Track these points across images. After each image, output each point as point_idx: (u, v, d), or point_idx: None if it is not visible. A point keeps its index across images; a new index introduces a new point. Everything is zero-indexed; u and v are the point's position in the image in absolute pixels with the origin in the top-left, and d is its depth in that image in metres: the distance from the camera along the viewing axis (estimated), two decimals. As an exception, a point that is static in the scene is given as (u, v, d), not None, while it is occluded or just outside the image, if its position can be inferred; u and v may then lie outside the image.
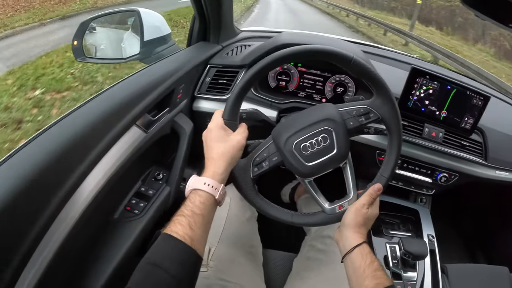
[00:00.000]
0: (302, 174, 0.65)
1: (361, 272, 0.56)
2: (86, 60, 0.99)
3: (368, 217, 0.63)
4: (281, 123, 0.70)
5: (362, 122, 0.66)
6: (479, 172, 0.99)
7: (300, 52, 0.62)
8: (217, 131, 0.60)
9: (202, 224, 0.52)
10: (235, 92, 0.62)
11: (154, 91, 0.76)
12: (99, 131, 0.62)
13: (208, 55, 0.97)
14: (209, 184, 0.54)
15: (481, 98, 0.91)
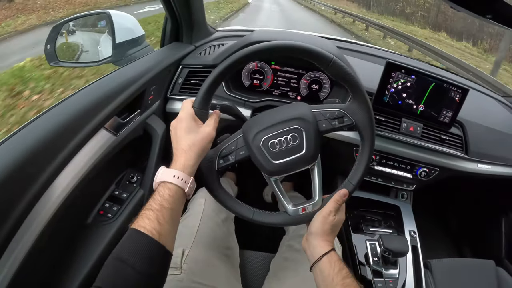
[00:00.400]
0: (267, 172, 0.64)
1: (330, 280, 0.56)
2: (59, 64, 0.98)
3: (335, 224, 0.63)
4: (253, 118, 0.69)
5: (335, 125, 0.65)
6: (460, 166, 0.99)
7: (278, 47, 0.61)
8: (187, 121, 0.58)
9: (170, 218, 0.51)
10: (208, 80, 0.60)
11: (123, 93, 0.75)
12: (66, 135, 0.61)
13: (180, 56, 0.96)
14: (178, 176, 0.53)
15: (459, 91, 0.91)
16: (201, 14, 1.00)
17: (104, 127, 0.72)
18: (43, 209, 0.56)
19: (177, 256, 0.68)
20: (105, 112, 0.70)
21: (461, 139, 0.99)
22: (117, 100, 0.73)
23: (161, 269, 0.48)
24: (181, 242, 0.72)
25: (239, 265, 0.81)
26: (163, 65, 0.89)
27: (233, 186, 1.13)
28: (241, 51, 0.60)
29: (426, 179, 1.02)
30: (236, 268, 0.79)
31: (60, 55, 0.97)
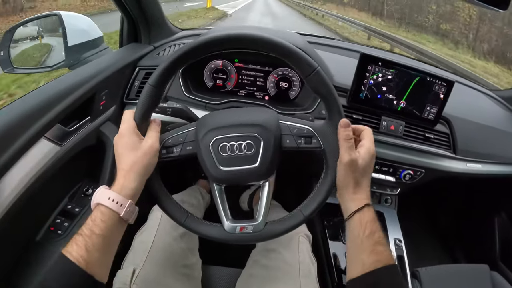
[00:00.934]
0: (211, 177, 0.58)
1: (359, 243, 0.51)
2: (14, 71, 0.92)
3: (362, 167, 0.54)
4: (211, 113, 0.63)
5: (299, 144, 0.58)
6: (448, 166, 0.92)
7: (249, 39, 0.54)
8: (128, 137, 0.53)
9: (102, 245, 0.46)
10: (149, 83, 0.54)
11: (66, 98, 0.70)
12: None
13: (136, 57, 0.91)
14: (113, 199, 0.48)
15: (444, 85, 0.84)
16: (157, 12, 0.94)
17: (45, 136, 0.66)
18: None
19: (127, 275, 0.63)
20: (46, 119, 0.64)
21: (448, 137, 0.92)
22: (59, 106, 0.68)
23: None
24: (133, 259, 0.67)
25: (202, 283, 0.75)
26: (116, 67, 0.83)
27: (204, 194, 1.07)
28: (186, 46, 0.53)
29: (411, 182, 0.95)
30: (196, 286, 0.73)
31: (15, 60, 0.93)
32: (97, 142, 0.82)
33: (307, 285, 0.67)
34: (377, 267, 0.48)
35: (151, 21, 0.94)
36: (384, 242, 0.51)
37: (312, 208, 0.59)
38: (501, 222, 1.21)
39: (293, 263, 0.71)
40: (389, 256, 0.50)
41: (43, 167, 0.65)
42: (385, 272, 0.48)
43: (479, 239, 1.29)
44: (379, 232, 0.52)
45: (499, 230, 1.20)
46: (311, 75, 0.54)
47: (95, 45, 0.93)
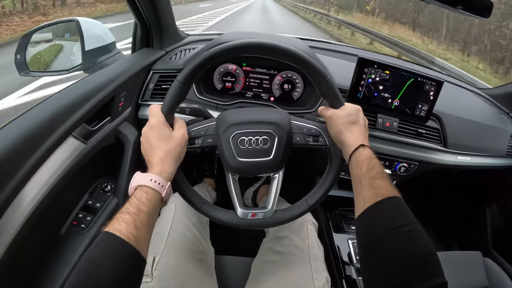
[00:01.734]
0: (229, 167, 0.65)
1: (358, 182, 0.54)
2: (30, 74, 0.98)
3: (348, 118, 0.62)
4: (231, 110, 0.70)
5: (308, 142, 0.66)
6: (439, 159, 1.00)
7: (273, 48, 0.61)
8: (160, 128, 0.58)
9: (147, 223, 0.50)
10: (178, 80, 0.60)
11: (90, 100, 0.76)
12: (31, 144, 0.61)
13: (150, 61, 0.98)
14: (155, 181, 0.53)
15: (434, 84, 0.92)
16: (170, 19, 1.01)
17: (72, 134, 0.72)
18: (9, 222, 0.56)
19: (148, 263, 0.67)
20: (73, 120, 0.70)
21: (438, 132, 1.01)
22: (84, 107, 0.74)
23: (135, 276, 0.47)
24: (152, 249, 0.72)
25: (217, 271, 0.81)
26: (133, 71, 0.90)
27: (211, 191, 1.14)
28: (213, 50, 0.60)
29: (405, 174, 1.03)
30: (211, 273, 0.79)
31: (31, 64, 0.98)
32: (116, 141, 0.89)
33: (317, 267, 0.75)
34: (377, 200, 0.49)
35: (164, 27, 1.01)
36: (382, 176, 0.52)
37: (315, 199, 0.67)
38: (492, 212, 1.29)
39: (304, 247, 0.78)
40: (389, 189, 0.50)
41: (70, 164, 0.71)
42: (385, 203, 0.49)
43: (471, 228, 1.37)
44: (376, 168, 0.54)
45: (490, 219, 1.29)
46: (321, 82, 0.62)
47: (108, 49, 1.00)
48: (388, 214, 0.48)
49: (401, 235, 0.45)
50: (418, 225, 0.46)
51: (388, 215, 0.48)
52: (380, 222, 0.47)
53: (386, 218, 0.48)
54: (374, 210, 0.49)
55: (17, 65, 0.96)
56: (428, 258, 0.43)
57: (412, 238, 0.45)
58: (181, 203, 0.82)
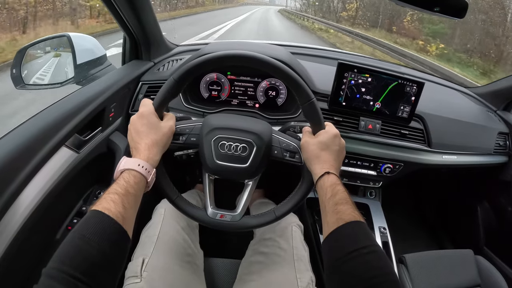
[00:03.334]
0: (206, 167, 0.70)
1: (323, 207, 0.58)
2: (25, 87, 1.04)
3: (320, 145, 0.65)
4: (218, 114, 0.77)
5: (284, 157, 0.71)
6: (424, 159, 1.05)
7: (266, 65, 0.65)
8: (149, 117, 0.63)
9: (134, 204, 0.53)
10: (173, 78, 0.65)
11: (82, 111, 0.82)
12: (26, 154, 0.66)
13: (139, 73, 1.04)
14: (143, 166, 0.57)
15: (415, 85, 0.97)
16: (157, 32, 1.08)
17: (65, 144, 0.78)
18: (7, 227, 0.61)
19: (137, 264, 0.72)
20: (66, 130, 0.76)
21: (422, 132, 1.06)
22: (76, 118, 0.79)
23: (122, 253, 0.50)
24: (142, 251, 0.77)
25: (206, 274, 0.85)
26: (122, 82, 0.96)
27: (202, 196, 1.18)
28: (211, 55, 0.65)
29: (391, 175, 1.08)
30: (199, 274, 0.83)
31: (26, 78, 1.04)
32: (108, 150, 0.94)
33: (301, 267, 0.79)
34: (339, 225, 0.53)
35: (151, 39, 1.07)
36: (345, 202, 0.56)
37: (283, 211, 0.72)
38: (483, 209, 1.33)
39: (288, 248, 0.83)
40: (351, 214, 0.54)
41: (64, 172, 0.76)
42: (346, 227, 0.53)
43: (463, 226, 1.41)
44: (340, 194, 0.57)
45: (482, 217, 1.33)
46: (306, 104, 0.67)
47: (99, 62, 1.06)
48: (349, 238, 0.52)
49: (360, 257, 0.49)
50: (378, 247, 0.51)
51: (349, 239, 0.52)
52: (342, 245, 0.51)
53: (347, 241, 0.52)
54: (337, 234, 0.53)
55: (13, 79, 1.02)
56: (385, 277, 0.47)
57: (371, 260, 0.49)
58: (170, 208, 0.88)
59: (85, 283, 0.41)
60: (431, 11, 0.81)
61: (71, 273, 0.41)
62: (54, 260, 0.42)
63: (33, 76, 1.07)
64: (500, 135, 1.17)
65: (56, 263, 0.42)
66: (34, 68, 1.08)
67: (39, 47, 1.08)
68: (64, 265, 0.41)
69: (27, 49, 1.04)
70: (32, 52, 1.06)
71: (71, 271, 0.41)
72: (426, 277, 0.95)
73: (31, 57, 1.07)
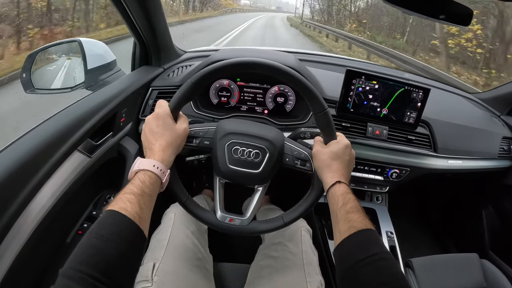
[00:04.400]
0: (219, 171, 0.72)
1: (335, 215, 0.60)
2: (35, 91, 1.05)
3: (331, 154, 0.67)
4: (232, 119, 0.78)
5: (295, 165, 0.73)
6: (430, 164, 1.07)
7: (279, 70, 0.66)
8: (165, 119, 0.64)
9: (150, 204, 0.55)
10: (190, 81, 0.66)
11: (94, 116, 0.83)
12: (40, 158, 0.68)
13: (149, 78, 1.06)
14: (158, 167, 0.58)
15: (421, 92, 1.00)
16: (167, 38, 1.10)
17: (78, 149, 0.79)
18: (21, 229, 0.63)
19: (148, 269, 0.73)
20: (78, 135, 0.78)
21: (428, 137, 1.08)
22: (89, 123, 0.81)
23: (139, 253, 0.51)
24: (152, 256, 0.78)
25: (215, 278, 0.87)
26: (133, 88, 0.98)
27: (209, 202, 1.20)
28: (230, 60, 0.67)
29: (398, 180, 1.10)
30: (209, 279, 0.84)
31: (36, 82, 1.06)
32: (118, 154, 0.96)
33: (310, 271, 0.81)
34: (351, 233, 0.55)
35: (161, 45, 1.09)
36: (356, 210, 0.58)
37: (291, 218, 0.74)
38: (488, 213, 1.35)
39: (297, 253, 0.84)
40: (362, 222, 0.56)
41: (76, 176, 0.78)
42: (358, 235, 0.54)
43: (469, 230, 1.43)
44: (351, 202, 0.59)
45: (487, 221, 1.35)
46: (320, 113, 0.69)
47: (109, 67, 1.08)
48: (361, 245, 0.54)
49: (372, 264, 0.50)
50: (388, 255, 0.52)
51: (361, 246, 0.54)
52: (354, 252, 0.53)
53: (359, 249, 0.53)
54: (349, 241, 0.55)
55: (23, 83, 1.03)
56: (397, 283, 0.48)
57: (382, 266, 0.50)
58: (180, 213, 0.89)
59: (103, 283, 0.41)
60: (436, 18, 0.83)
61: (89, 272, 0.41)
62: (71, 260, 0.43)
63: (43, 80, 1.09)
64: (504, 139, 1.19)
65: (74, 263, 0.42)
66: (44, 73, 1.10)
67: (50, 51, 1.10)
68: (82, 265, 0.42)
69: (37, 53, 1.05)
70: (42, 57, 1.09)
71: (89, 270, 0.41)
72: (432, 281, 0.97)
73: (41, 62, 1.09)
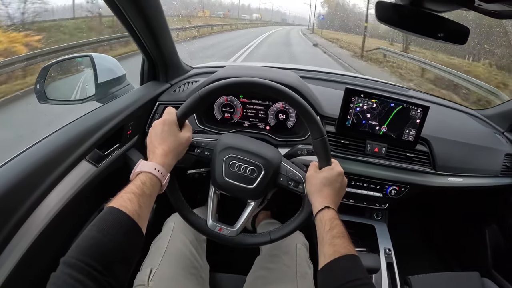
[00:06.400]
0: (214, 182, 0.76)
1: (321, 239, 0.63)
2: (48, 102, 1.11)
3: (323, 181, 0.70)
4: (234, 134, 0.82)
5: (289, 185, 0.77)
6: (429, 181, 1.08)
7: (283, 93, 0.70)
8: (171, 125, 0.68)
9: (148, 204, 0.58)
10: (199, 94, 0.70)
11: (102, 128, 0.88)
12: (48, 167, 0.72)
13: (156, 93, 1.11)
14: (159, 170, 0.62)
15: (420, 110, 1.02)
16: (174, 55, 1.15)
17: (85, 159, 0.84)
18: (24, 235, 0.65)
19: (145, 274, 0.77)
20: (86, 145, 0.82)
21: (427, 155, 1.10)
22: (97, 134, 0.86)
23: (137, 249, 0.54)
24: (150, 262, 0.82)
25: (211, 287, 0.89)
26: (140, 102, 1.03)
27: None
28: (238, 79, 0.72)
29: (397, 197, 1.11)
30: (205, 287, 0.87)
31: (49, 93, 1.12)
32: (124, 165, 1.01)
33: (303, 284, 0.83)
34: (336, 257, 0.57)
35: (168, 62, 1.15)
36: (342, 236, 0.60)
37: (278, 235, 0.77)
38: (491, 232, 1.35)
39: (291, 265, 0.87)
40: (347, 247, 0.58)
41: (82, 185, 0.82)
42: (342, 260, 0.57)
43: (471, 248, 1.42)
44: (338, 228, 0.62)
45: (490, 238, 1.34)
46: (317, 139, 0.72)
47: (119, 81, 1.14)
48: (343, 270, 0.56)
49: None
50: (369, 280, 0.55)
51: (344, 270, 0.56)
52: (337, 276, 0.56)
53: (341, 273, 0.56)
54: (332, 265, 0.57)
55: (37, 94, 1.10)
56: None
57: None
58: (180, 222, 0.93)
59: (100, 272, 0.45)
60: (435, 38, 0.86)
61: (88, 261, 0.44)
62: (73, 250, 0.46)
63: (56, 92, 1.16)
64: (507, 156, 1.20)
65: (74, 252, 0.46)
66: (57, 85, 1.17)
67: (63, 65, 1.17)
68: (81, 255, 0.45)
69: (51, 66, 1.12)
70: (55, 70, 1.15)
71: (88, 260, 0.45)
72: None
73: (55, 74, 1.15)
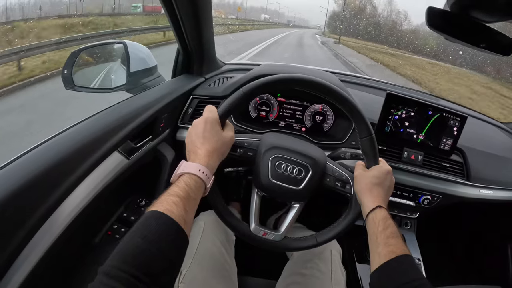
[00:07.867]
0: (259, 184, 0.72)
1: (374, 238, 0.61)
2: (74, 89, 1.08)
3: (373, 180, 0.69)
4: (277, 133, 0.79)
5: (336, 186, 0.74)
6: (462, 192, 1.07)
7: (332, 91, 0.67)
8: (213, 124, 0.64)
9: (193, 208, 0.54)
10: (242, 91, 0.67)
11: (136, 119, 0.85)
12: (80, 155, 0.68)
13: (190, 87, 1.08)
14: (203, 171, 0.58)
15: (458, 119, 1.01)
16: (211, 48, 1.12)
17: (118, 150, 0.80)
18: (52, 226, 0.62)
19: None
20: (119, 136, 0.79)
21: (462, 165, 1.08)
22: (130, 125, 0.83)
23: (182, 256, 0.50)
24: None
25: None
26: (175, 95, 1.00)
27: (236, 214, 1.21)
28: (283, 75, 0.68)
29: (428, 207, 1.09)
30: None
31: (76, 80, 1.09)
32: (154, 159, 0.97)
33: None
34: (391, 258, 0.56)
35: (205, 55, 1.12)
36: (396, 235, 0.60)
37: (325, 238, 0.74)
38: None
39: (326, 272, 0.84)
40: (401, 248, 0.57)
41: (113, 177, 0.78)
42: (397, 260, 0.56)
43: (493, 261, 1.40)
44: (391, 228, 0.61)
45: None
46: (365, 138, 0.70)
47: (151, 72, 1.11)
48: (400, 270, 0.55)
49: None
50: (426, 281, 0.53)
51: (400, 271, 0.55)
52: (394, 277, 0.55)
53: (398, 274, 0.55)
54: (388, 266, 0.56)
55: (64, 79, 1.06)
56: None
57: None
58: (210, 221, 0.90)
59: (146, 284, 0.40)
60: (477, 47, 0.85)
61: (132, 272, 0.40)
62: (114, 259, 0.42)
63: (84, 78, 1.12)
64: None
65: (116, 261, 0.41)
66: (85, 71, 1.14)
67: (93, 51, 1.13)
68: (125, 264, 0.41)
69: (81, 51, 1.08)
70: (85, 56, 1.12)
71: (132, 270, 0.40)
72: None
73: (84, 60, 1.12)
